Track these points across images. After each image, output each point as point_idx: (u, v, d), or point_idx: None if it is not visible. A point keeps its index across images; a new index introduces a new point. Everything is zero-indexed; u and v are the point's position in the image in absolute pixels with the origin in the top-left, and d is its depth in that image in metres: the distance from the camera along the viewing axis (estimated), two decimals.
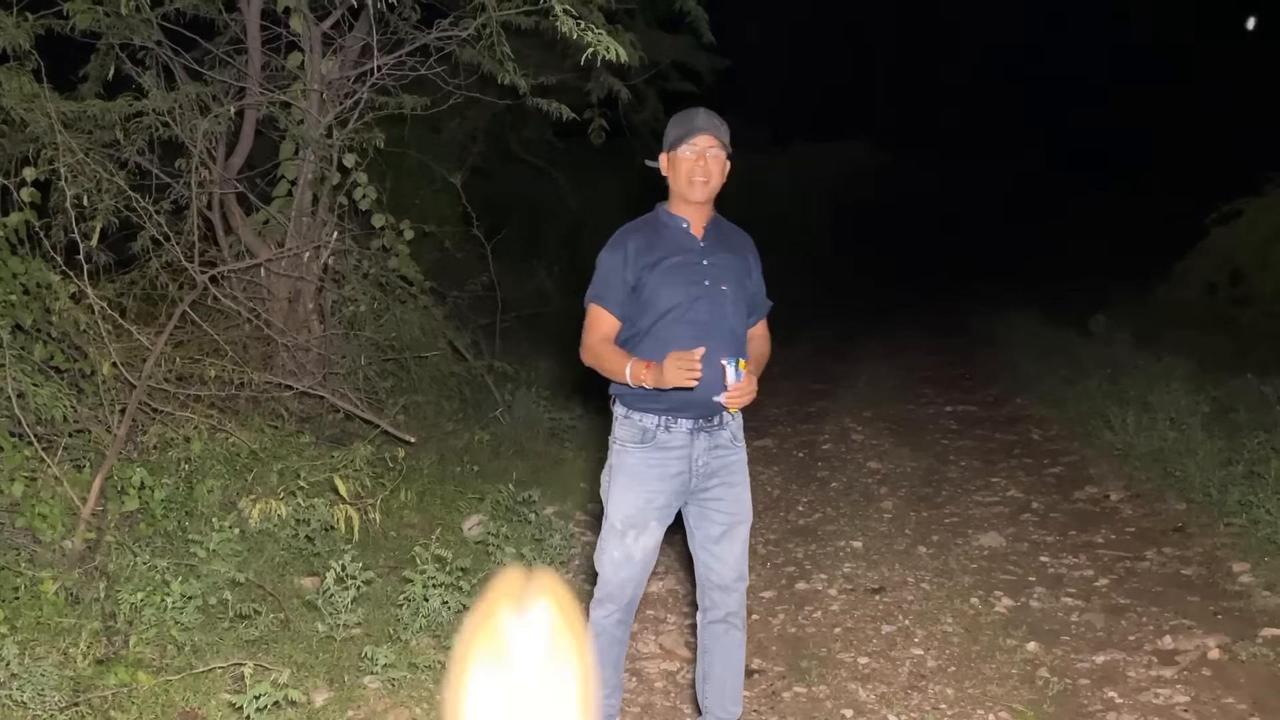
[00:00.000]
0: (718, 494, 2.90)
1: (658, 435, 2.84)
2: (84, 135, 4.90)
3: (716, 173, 2.84)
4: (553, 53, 6.77)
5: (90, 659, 3.24)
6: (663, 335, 2.80)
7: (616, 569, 2.90)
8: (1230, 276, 10.19)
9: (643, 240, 2.87)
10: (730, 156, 2.88)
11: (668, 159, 2.87)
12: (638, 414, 2.86)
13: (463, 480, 5.53)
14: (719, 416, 2.86)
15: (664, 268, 2.82)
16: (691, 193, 2.83)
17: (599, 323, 2.88)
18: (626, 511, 2.87)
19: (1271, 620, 4.08)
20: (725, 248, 2.92)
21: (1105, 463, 6.56)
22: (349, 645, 3.62)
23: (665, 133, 2.88)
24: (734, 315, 2.87)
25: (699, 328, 2.79)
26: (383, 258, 6.26)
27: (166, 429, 4.53)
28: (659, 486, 2.85)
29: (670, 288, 2.81)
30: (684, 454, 2.85)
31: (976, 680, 3.67)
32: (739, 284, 2.90)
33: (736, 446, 2.93)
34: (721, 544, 2.92)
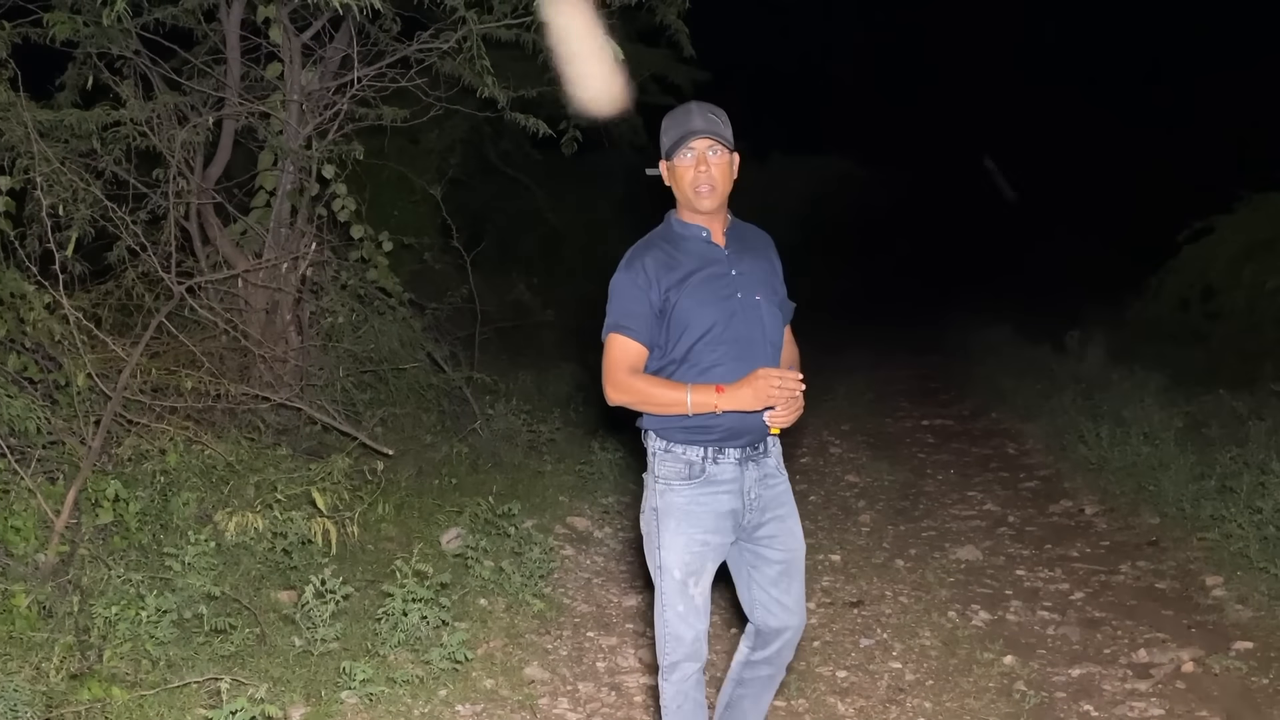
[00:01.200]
0: (771, 530, 2.64)
1: (706, 469, 2.56)
2: (60, 144, 4.86)
3: (721, 176, 2.56)
4: (532, 65, 6.78)
5: (63, 674, 3.20)
6: (703, 360, 2.52)
7: (687, 624, 2.59)
8: (1202, 293, 10.32)
9: (661, 256, 2.57)
10: (736, 149, 2.61)
11: (667, 167, 2.61)
12: (680, 447, 2.57)
13: (441, 493, 5.51)
14: (763, 444, 2.61)
15: (692, 284, 2.53)
16: (698, 203, 2.56)
17: (625, 353, 2.56)
18: (684, 558, 2.57)
19: (1244, 634, 4.13)
20: (751, 254, 2.65)
21: (1080, 477, 6.62)
22: (326, 660, 3.59)
23: (661, 135, 2.61)
24: (771, 326, 2.61)
25: (740, 346, 2.53)
26: (361, 269, 6.24)
27: (142, 441, 4.49)
28: (713, 524, 2.57)
29: (703, 306, 2.52)
30: (735, 487, 2.58)
31: (954, 693, 3.69)
32: (770, 290, 2.63)
33: (782, 475, 2.68)
34: (780, 584, 2.66)
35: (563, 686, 3.76)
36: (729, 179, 2.59)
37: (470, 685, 3.62)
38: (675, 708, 2.65)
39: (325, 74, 5.87)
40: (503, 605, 4.31)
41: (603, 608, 4.54)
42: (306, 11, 5.69)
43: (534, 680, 3.76)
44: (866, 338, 13.20)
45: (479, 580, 4.41)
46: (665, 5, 6.41)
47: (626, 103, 9.52)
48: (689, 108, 2.60)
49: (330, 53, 5.91)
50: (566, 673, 3.87)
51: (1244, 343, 9.03)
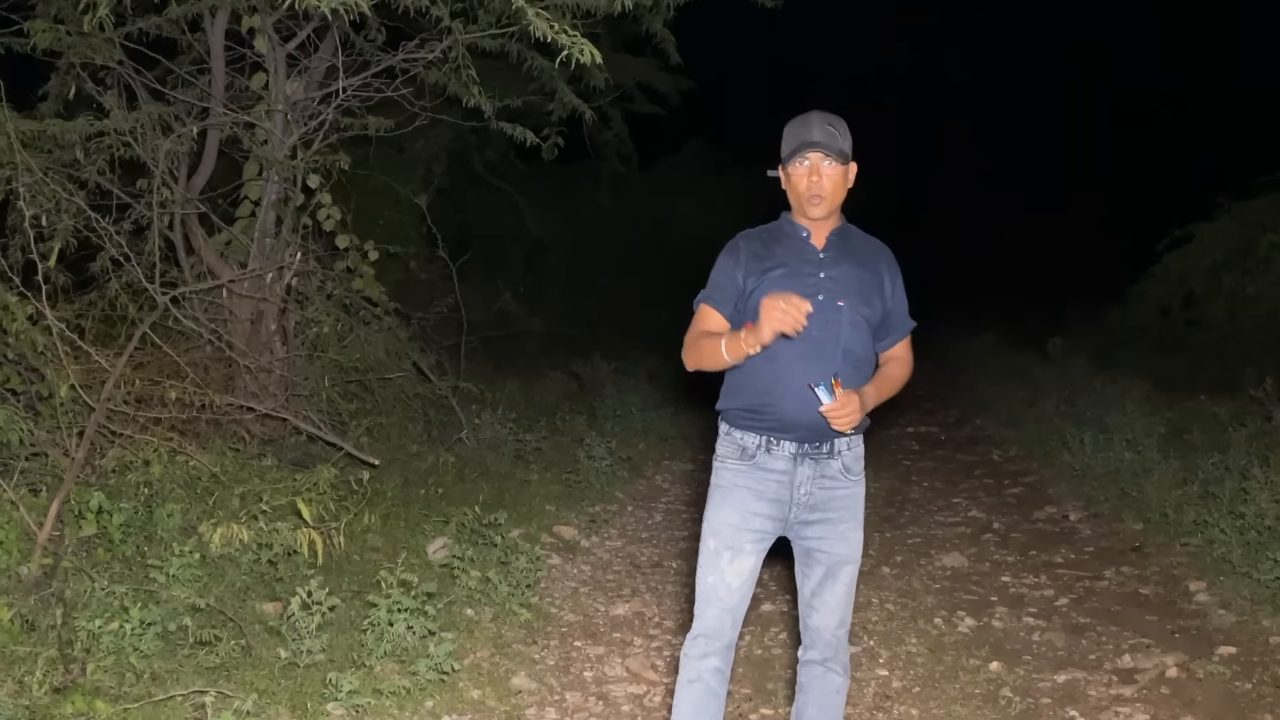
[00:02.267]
0: (819, 531, 2.66)
1: (758, 455, 2.63)
2: (43, 155, 4.84)
3: (833, 187, 2.62)
4: (517, 74, 6.79)
5: (46, 687, 3.17)
6: (769, 350, 2.54)
7: (714, 596, 2.65)
8: (1183, 300, 10.41)
9: (758, 246, 2.68)
10: (853, 159, 2.68)
11: (784, 172, 2.68)
12: (739, 432, 2.66)
13: (427, 503, 5.50)
14: (829, 444, 2.62)
15: (774, 276, 2.60)
16: (810, 210, 2.63)
17: (705, 319, 2.68)
18: (719, 529, 2.66)
19: (1227, 638, 4.16)
20: (851, 260, 2.67)
21: (1064, 483, 6.66)
22: (312, 672, 3.57)
23: (782, 139, 2.67)
24: (850, 334, 2.60)
25: (808, 345, 2.55)
26: (347, 279, 6.23)
27: (126, 452, 4.46)
28: (755, 506, 2.63)
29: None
30: (785, 479, 2.62)
31: (941, 700, 3.70)
32: (862, 300, 2.63)
33: (849, 480, 2.67)
34: (824, 586, 2.68)
35: (550, 696, 3.75)
36: (842, 189, 2.67)
37: (457, 696, 3.61)
38: (686, 682, 2.68)
39: (310, 84, 5.87)
40: (489, 615, 4.30)
41: (590, 617, 4.54)
42: (291, 21, 5.69)
43: (521, 690, 3.75)
44: None
45: (465, 590, 4.40)
46: (651, 14, 6.43)
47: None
48: (809, 118, 2.65)
49: (315, 62, 5.90)
50: (554, 682, 3.86)
51: (1224, 349, 9.11)
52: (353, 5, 3.96)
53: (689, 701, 2.67)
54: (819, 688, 2.76)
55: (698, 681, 2.66)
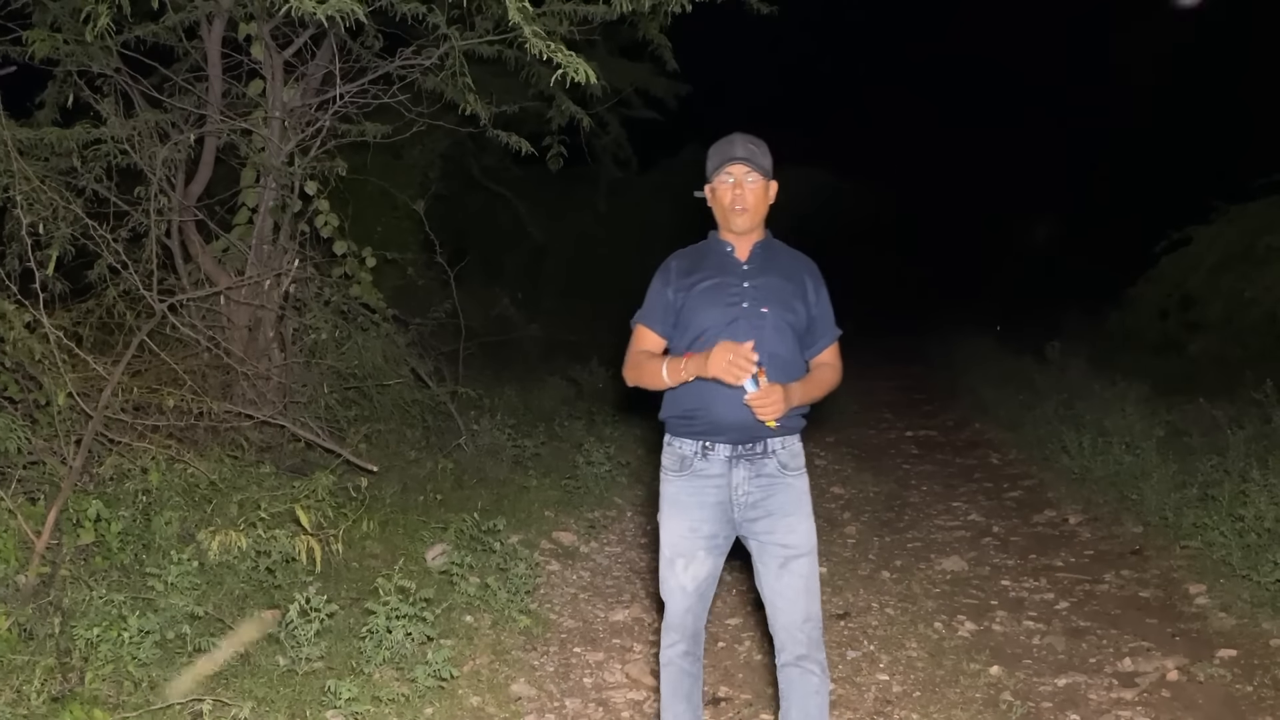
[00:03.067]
0: (766, 525, 2.78)
1: (694, 463, 2.80)
2: (40, 162, 4.85)
3: (755, 201, 2.81)
4: (514, 81, 6.80)
5: (44, 696, 3.16)
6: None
7: (673, 599, 2.87)
8: (1180, 302, 10.42)
9: (686, 263, 2.87)
10: (773, 177, 2.86)
11: (709, 189, 2.87)
12: (678, 440, 2.84)
13: (426, 509, 5.49)
14: (762, 444, 2.77)
15: (701, 289, 2.80)
16: (733, 222, 2.82)
17: (641, 339, 2.89)
18: (672, 540, 2.84)
19: (1227, 641, 4.15)
20: (775, 271, 2.84)
21: (1063, 486, 6.66)
22: (311, 679, 3.56)
23: (707, 160, 2.86)
24: (775, 338, 2.76)
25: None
26: (344, 285, 6.23)
27: (123, 460, 4.45)
28: (700, 515, 2.80)
29: (705, 309, 2.78)
30: (723, 482, 2.78)
31: (941, 705, 3.69)
32: (785, 307, 2.80)
33: (786, 475, 2.80)
34: (782, 580, 2.78)
35: (549, 703, 3.74)
36: (764, 203, 2.85)
37: (456, 703, 3.60)
38: (662, 666, 2.93)
39: (307, 91, 5.88)
40: (489, 622, 4.29)
41: (589, 623, 4.53)
42: (288, 29, 5.70)
43: (520, 697, 3.74)
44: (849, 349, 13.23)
45: (464, 597, 4.39)
46: (648, 20, 6.44)
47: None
48: (732, 138, 2.83)
49: (312, 69, 5.91)
50: (553, 689, 3.86)
51: (1223, 352, 9.11)
52: (349, 12, 3.96)
53: (667, 682, 2.93)
54: (798, 690, 2.82)
55: (670, 665, 2.91)
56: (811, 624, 2.80)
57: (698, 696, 2.96)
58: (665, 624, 2.90)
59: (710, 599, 2.90)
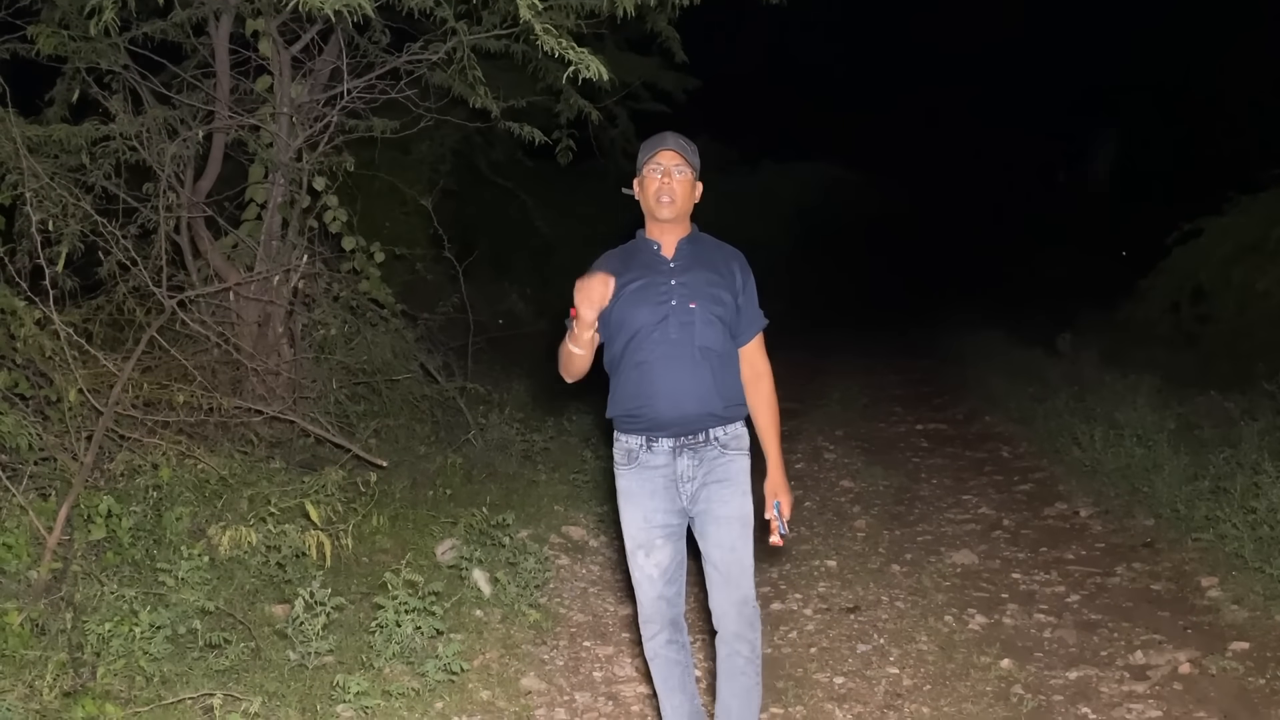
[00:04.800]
0: (704, 497, 2.88)
1: (640, 455, 2.88)
2: (50, 160, 4.86)
3: (681, 192, 2.86)
4: (523, 75, 6.79)
5: (57, 691, 3.17)
6: (634, 357, 2.85)
7: (641, 588, 2.93)
8: (1192, 294, 10.36)
9: (615, 264, 2.91)
10: (700, 178, 2.92)
11: (638, 182, 2.92)
12: (625, 436, 2.92)
13: (436, 504, 5.50)
14: (704, 434, 2.86)
15: (630, 290, 2.85)
16: (658, 211, 2.86)
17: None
18: (631, 532, 2.92)
19: (1240, 634, 4.13)
20: (701, 265, 2.90)
21: (1074, 479, 6.63)
22: (321, 674, 3.57)
23: (638, 157, 2.92)
24: (704, 331, 2.84)
25: (669, 347, 2.82)
26: (353, 281, 6.24)
27: (134, 456, 4.47)
28: (652, 504, 2.88)
29: (635, 309, 2.84)
30: (668, 471, 2.87)
31: (952, 698, 3.68)
32: (713, 300, 2.86)
33: (726, 454, 2.88)
34: (715, 554, 2.88)
35: (559, 697, 3.75)
36: (689, 198, 2.90)
37: (466, 697, 3.61)
38: (649, 658, 2.99)
39: (315, 86, 5.87)
40: (498, 616, 4.30)
41: (599, 617, 4.53)
42: (296, 24, 5.70)
43: (530, 691, 3.75)
44: (859, 342, 13.22)
45: (474, 591, 4.40)
46: (656, 13, 6.42)
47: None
48: (664, 134, 2.91)
49: (319, 65, 5.91)
50: (563, 683, 3.86)
51: (1235, 344, 9.06)
52: (356, 7, 3.96)
53: (657, 673, 2.99)
54: (726, 669, 2.93)
55: (657, 657, 2.97)
56: (749, 606, 2.88)
57: (691, 684, 3.00)
58: (641, 618, 2.96)
59: (682, 586, 2.95)
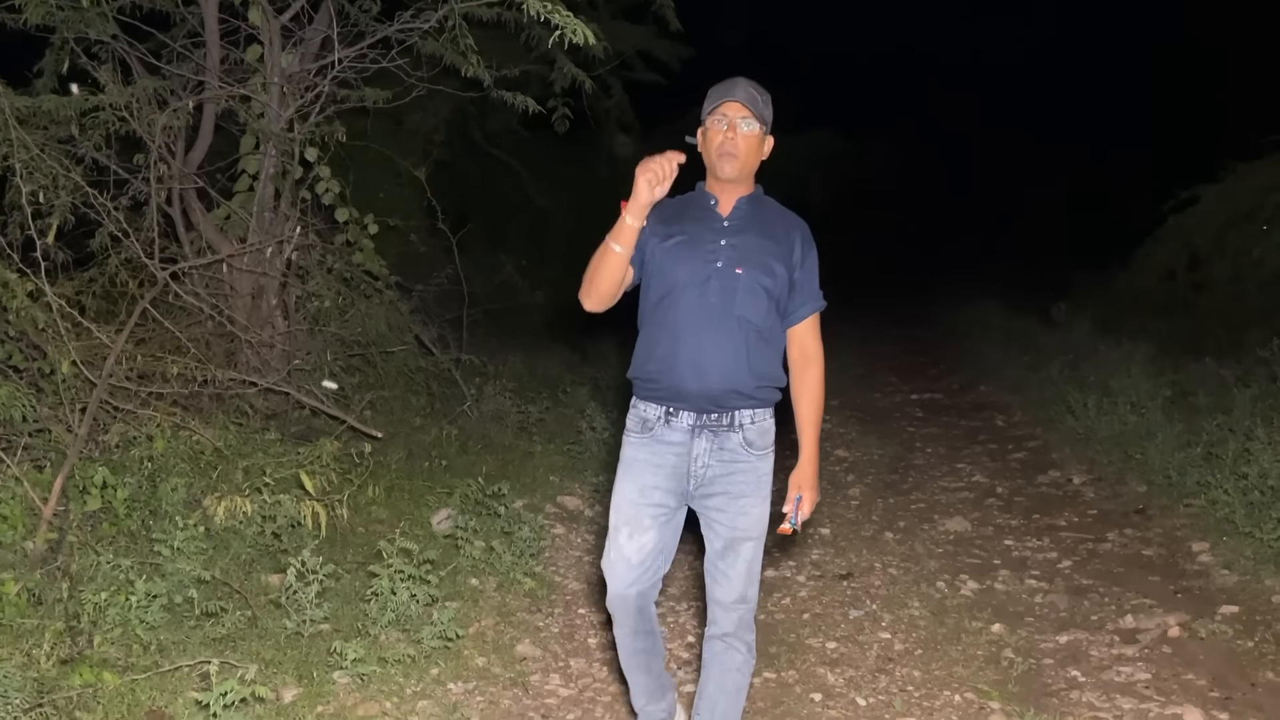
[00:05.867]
0: (718, 504, 2.65)
1: (656, 428, 2.64)
2: (39, 131, 4.82)
3: (746, 149, 2.59)
4: (515, 44, 6.74)
5: (54, 660, 3.20)
6: (665, 315, 2.61)
7: (613, 571, 2.68)
8: (1188, 262, 10.35)
9: (668, 211, 2.66)
10: (770, 132, 2.66)
11: (701, 132, 2.65)
12: (643, 404, 2.68)
13: (431, 475, 5.51)
14: (729, 416, 2.61)
15: (674, 242, 2.62)
16: (720, 168, 2.61)
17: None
18: (620, 505, 2.68)
19: (1230, 598, 4.17)
20: (757, 230, 2.64)
21: (1068, 447, 6.66)
22: (317, 641, 3.60)
23: (704, 102, 2.64)
24: (745, 302, 2.59)
25: (704, 311, 2.58)
26: (347, 252, 6.22)
27: (129, 427, 4.48)
28: (653, 479, 2.64)
29: (676, 264, 2.60)
30: (682, 451, 2.63)
31: (943, 662, 3.72)
32: (762, 269, 2.60)
33: (750, 455, 2.65)
34: (725, 559, 2.68)
35: (554, 663, 3.78)
36: (756, 154, 2.64)
37: (462, 663, 3.64)
38: (617, 641, 2.82)
39: (305, 56, 5.83)
40: (494, 584, 4.33)
41: (594, 585, 4.56)
42: None
43: (526, 657, 3.78)
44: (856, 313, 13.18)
45: (470, 560, 4.42)
46: None
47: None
48: (735, 80, 2.63)
49: (310, 34, 5.86)
50: (558, 649, 3.89)
51: (1230, 311, 9.07)
52: None
53: (623, 658, 2.83)
54: (719, 664, 2.77)
55: (622, 645, 2.81)
56: (745, 606, 2.73)
57: (658, 664, 2.85)
58: (608, 602, 2.73)
59: (659, 577, 2.72)
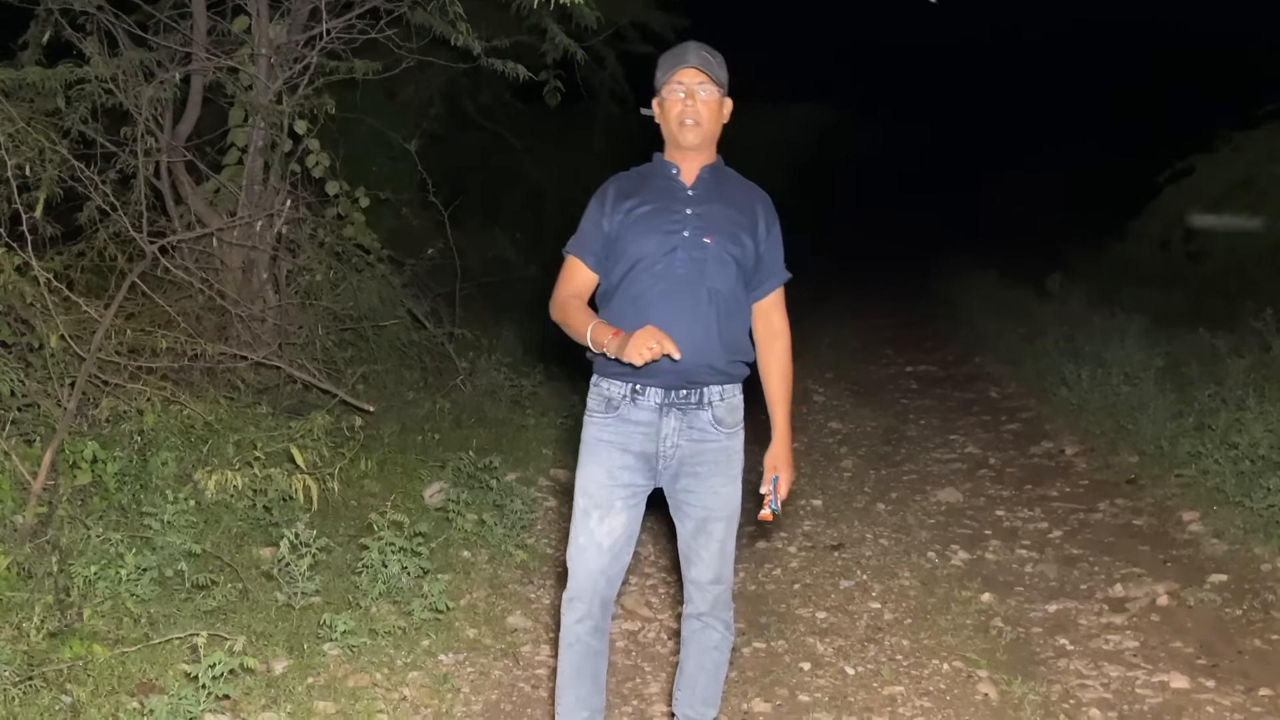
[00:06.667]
0: (687, 484, 2.58)
1: (622, 407, 2.54)
2: (25, 104, 4.78)
3: (708, 115, 2.52)
4: (506, 14, 6.68)
5: (44, 633, 3.20)
6: (631, 290, 2.51)
7: (582, 557, 2.57)
8: (1183, 233, 10.32)
9: (626, 186, 2.60)
10: (729, 94, 2.58)
11: (657, 102, 2.58)
12: (606, 381, 2.58)
13: (424, 449, 5.52)
14: (697, 393, 2.53)
15: (639, 214, 2.53)
16: (682, 136, 2.53)
17: (572, 275, 2.61)
18: (588, 487, 2.59)
19: (1219, 566, 4.19)
20: (722, 199, 2.57)
21: (1061, 418, 6.67)
22: (308, 613, 3.61)
23: (656, 71, 2.57)
24: (716, 271, 2.50)
25: (672, 282, 2.48)
26: (338, 226, 6.19)
27: (119, 402, 4.47)
28: (622, 460, 2.55)
29: (642, 236, 2.51)
30: (650, 431, 2.54)
31: (932, 631, 3.73)
32: (730, 238, 2.53)
33: (720, 433, 2.58)
34: (697, 540, 2.62)
35: (545, 634, 3.79)
36: (717, 120, 2.56)
37: (453, 635, 3.65)
38: (566, 645, 2.64)
39: (293, 27, 5.77)
40: (485, 557, 4.34)
41: None
42: None
43: (517, 629, 3.79)
44: (851, 285, 13.17)
45: (461, 533, 4.43)
46: None
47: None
48: (686, 45, 2.55)
49: (297, 5, 5.79)
50: (549, 620, 3.90)
51: (1225, 282, 9.06)
52: None
53: (570, 663, 2.64)
54: (697, 643, 2.73)
55: (576, 644, 2.62)
56: (721, 586, 2.67)
57: (603, 675, 2.69)
58: (570, 593, 2.61)
59: (625, 565, 2.63)
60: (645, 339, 2.31)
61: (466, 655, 3.55)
